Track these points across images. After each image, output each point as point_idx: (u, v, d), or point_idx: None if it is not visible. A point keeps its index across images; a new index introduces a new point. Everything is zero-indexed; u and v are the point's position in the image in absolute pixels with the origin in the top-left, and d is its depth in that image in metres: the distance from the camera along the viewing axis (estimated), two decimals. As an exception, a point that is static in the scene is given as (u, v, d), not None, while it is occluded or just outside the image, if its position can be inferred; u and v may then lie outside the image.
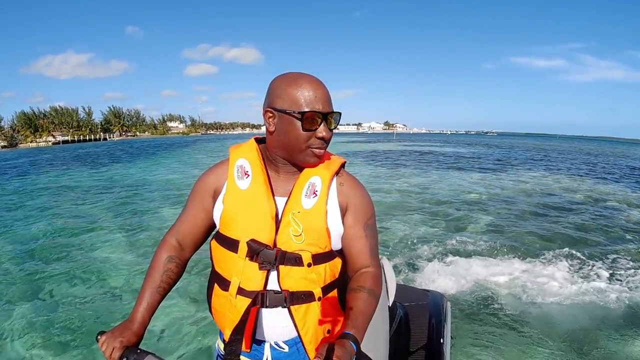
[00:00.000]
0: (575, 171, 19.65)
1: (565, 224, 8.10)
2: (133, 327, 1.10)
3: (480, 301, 4.42)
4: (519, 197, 11.21)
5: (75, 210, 9.71)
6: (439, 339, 1.79)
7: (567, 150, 47.28)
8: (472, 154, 32.49)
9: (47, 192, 12.61)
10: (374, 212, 1.24)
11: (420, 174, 17.02)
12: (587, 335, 3.81)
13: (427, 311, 1.94)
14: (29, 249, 6.48)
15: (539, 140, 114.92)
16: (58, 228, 7.83)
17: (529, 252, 6.07)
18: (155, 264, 1.21)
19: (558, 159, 28.69)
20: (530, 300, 4.44)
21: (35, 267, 5.60)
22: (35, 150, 47.97)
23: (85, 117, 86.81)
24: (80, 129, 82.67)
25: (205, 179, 1.23)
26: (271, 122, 1.11)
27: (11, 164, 26.23)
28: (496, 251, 6.09)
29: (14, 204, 10.70)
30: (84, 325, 3.98)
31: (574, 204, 10.33)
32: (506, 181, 14.86)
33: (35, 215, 9.16)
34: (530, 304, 4.39)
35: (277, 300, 1.12)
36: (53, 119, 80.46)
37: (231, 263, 1.14)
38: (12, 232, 7.64)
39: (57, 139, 74.10)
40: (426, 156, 28.66)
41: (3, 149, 58.75)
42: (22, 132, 71.89)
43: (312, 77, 1.11)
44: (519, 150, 40.02)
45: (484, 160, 25.84)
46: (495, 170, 18.83)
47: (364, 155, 29.36)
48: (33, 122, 75.99)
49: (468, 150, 37.45)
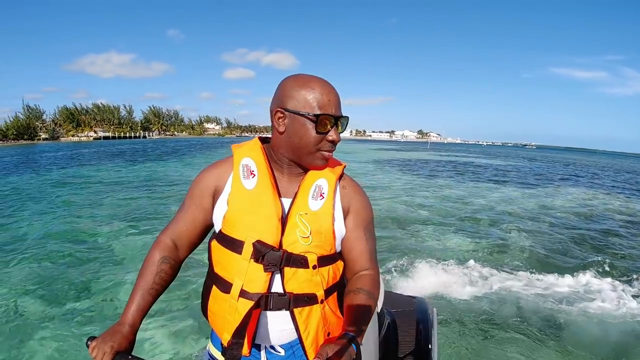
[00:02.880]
0: (619, 190, 18.60)
1: (584, 240, 7.91)
2: (123, 330, 1.04)
3: (465, 307, 4.54)
4: (549, 214, 10.64)
5: (112, 204, 9.82)
6: (426, 344, 1.77)
7: (608, 166, 45.45)
8: (512, 167, 31.46)
9: (81, 185, 12.87)
10: (373, 216, 1.24)
11: (456, 185, 16.58)
12: (576, 341, 3.97)
13: (415, 317, 1.93)
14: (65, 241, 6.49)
15: (580, 155, 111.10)
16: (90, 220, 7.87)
17: (544, 266, 6.14)
18: (149, 264, 1.15)
19: (600, 176, 27.40)
20: (517, 309, 4.58)
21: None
22: (76, 144, 49.78)
23: (126, 115, 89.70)
24: (121, 126, 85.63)
25: (205, 178, 1.18)
26: (281, 123, 1.09)
27: (52, 156, 27.18)
28: (511, 264, 6.20)
29: (48, 195, 10.94)
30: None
31: (603, 223, 9.74)
32: (543, 197, 14.23)
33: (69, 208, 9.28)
34: (518, 311, 4.52)
35: (281, 303, 1.09)
36: (95, 115, 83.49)
37: (234, 264, 1.10)
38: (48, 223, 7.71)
39: (99, 135, 76.92)
40: (462, 167, 27.98)
41: (45, 141, 61.52)
42: (64, 126, 74.96)
43: (325, 81, 1.11)
44: (559, 165, 38.56)
45: (523, 174, 24.98)
46: (535, 186, 18.08)
47: (397, 163, 29.00)
48: (75, 117, 79.10)
49: (506, 163, 36.33)
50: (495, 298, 4.80)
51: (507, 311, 4.49)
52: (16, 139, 60.53)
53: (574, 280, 5.48)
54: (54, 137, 68.82)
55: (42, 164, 21.94)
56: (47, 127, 72.65)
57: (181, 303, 4.39)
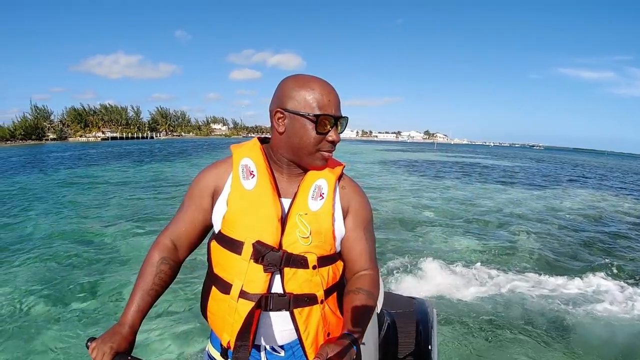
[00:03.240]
0: (628, 192, 18.37)
1: (592, 243, 7.82)
2: (123, 331, 1.04)
3: (468, 309, 4.52)
4: (557, 216, 10.54)
5: (122, 204, 9.85)
6: (426, 345, 1.77)
7: (616, 167, 44.91)
8: (519, 168, 31.23)
9: (88, 186, 12.94)
10: (372, 216, 1.25)
11: (463, 186, 16.49)
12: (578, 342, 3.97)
13: (414, 318, 1.94)
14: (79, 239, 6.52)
15: (588, 156, 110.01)
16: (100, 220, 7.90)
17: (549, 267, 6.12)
18: (148, 265, 1.16)
19: (608, 178, 27.10)
20: (517, 309, 4.57)
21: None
22: (84, 145, 50.11)
23: (133, 116, 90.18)
24: (129, 127, 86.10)
25: (204, 178, 1.18)
26: (281, 123, 1.10)
27: (59, 156, 27.35)
28: (513, 264, 6.21)
29: (54, 194, 11.00)
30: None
31: (612, 226, 9.63)
32: (551, 199, 14.08)
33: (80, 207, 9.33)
34: (519, 312, 4.51)
35: (281, 304, 1.09)
36: (103, 116, 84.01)
37: (233, 265, 1.09)
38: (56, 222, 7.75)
39: (106, 135, 77.45)
40: (469, 168, 27.81)
41: (52, 141, 62.02)
42: (72, 126, 75.53)
43: (324, 81, 1.11)
44: (567, 167, 38.21)
45: (531, 175, 24.80)
46: (543, 187, 17.93)
47: (404, 164, 28.91)
48: (83, 117, 79.70)
49: (513, 164, 36.09)
50: (500, 300, 4.78)
51: (511, 313, 4.47)
52: (24, 139, 61.07)
53: (581, 282, 5.43)
54: (61, 138, 69.49)
55: (50, 164, 22.12)
56: (55, 128, 73.30)
57: (180, 304, 4.39)
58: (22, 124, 64.09)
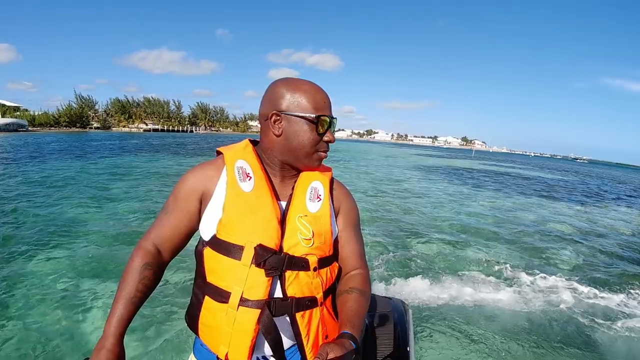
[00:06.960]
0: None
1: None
2: (107, 344, 0.98)
3: (439, 308, 4.59)
4: (598, 233, 9.94)
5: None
6: (405, 346, 1.76)
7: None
8: (562, 182, 30.01)
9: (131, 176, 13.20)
10: (360, 217, 1.27)
11: (503, 197, 15.95)
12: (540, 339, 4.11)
13: (392, 319, 1.90)
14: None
15: (634, 173, 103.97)
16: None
17: None
18: (130, 271, 1.08)
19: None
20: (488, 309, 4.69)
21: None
22: (125, 134, 51.76)
23: (175, 110, 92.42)
24: (170, 120, 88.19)
25: (191, 181, 1.13)
26: (278, 126, 1.09)
27: (99, 144, 28.25)
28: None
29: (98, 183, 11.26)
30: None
31: None
32: (596, 216, 13.36)
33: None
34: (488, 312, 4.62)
35: (284, 309, 1.05)
36: (145, 108, 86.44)
37: (232, 271, 1.05)
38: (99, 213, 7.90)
39: (149, 127, 79.78)
40: (510, 178, 26.91)
41: (97, 130, 64.19)
42: (115, 116, 78.06)
43: (315, 84, 1.13)
44: (613, 183, 36.29)
45: (573, 189, 23.79)
46: (586, 203, 17.13)
47: (442, 171, 28.31)
48: (127, 109, 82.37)
49: (557, 177, 34.66)
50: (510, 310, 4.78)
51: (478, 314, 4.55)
52: (68, 126, 62.73)
53: (612, 299, 5.34)
54: (105, 127, 71.69)
55: (90, 151, 22.86)
56: (100, 117, 75.74)
57: (157, 316, 4.03)
58: (67, 111, 65.20)
